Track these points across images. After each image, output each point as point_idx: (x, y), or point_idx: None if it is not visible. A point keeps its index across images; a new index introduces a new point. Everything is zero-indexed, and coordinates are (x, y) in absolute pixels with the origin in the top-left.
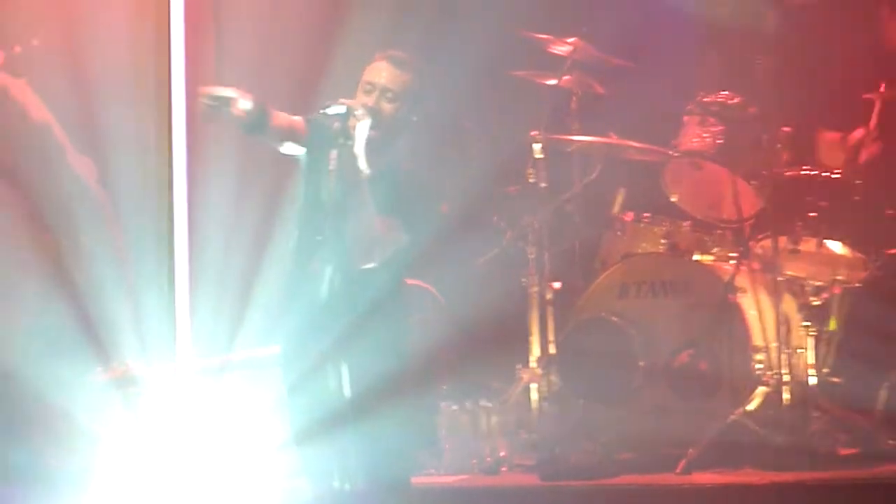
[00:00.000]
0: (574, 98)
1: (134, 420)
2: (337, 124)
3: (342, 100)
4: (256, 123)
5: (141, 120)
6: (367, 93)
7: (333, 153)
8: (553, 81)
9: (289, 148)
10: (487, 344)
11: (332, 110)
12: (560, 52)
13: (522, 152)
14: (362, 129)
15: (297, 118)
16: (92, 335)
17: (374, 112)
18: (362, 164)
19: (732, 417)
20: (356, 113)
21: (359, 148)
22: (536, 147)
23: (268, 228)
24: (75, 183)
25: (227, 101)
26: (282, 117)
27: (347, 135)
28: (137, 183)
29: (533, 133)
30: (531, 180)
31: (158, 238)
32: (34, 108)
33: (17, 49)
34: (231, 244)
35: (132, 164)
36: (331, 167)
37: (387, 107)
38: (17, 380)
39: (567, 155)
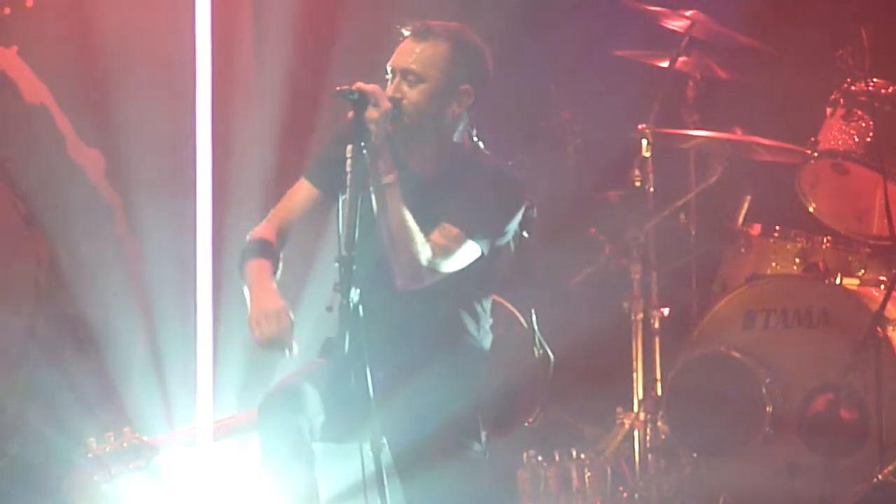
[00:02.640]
0: (691, 84)
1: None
2: (350, 113)
3: (358, 83)
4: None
5: (163, 106)
6: (389, 80)
7: (348, 149)
8: (666, 63)
9: None
10: (580, 382)
11: (344, 94)
12: (675, 28)
13: (627, 150)
14: (382, 121)
15: None
16: (93, 371)
17: (395, 102)
18: (386, 163)
19: (880, 477)
20: (372, 100)
21: (379, 144)
22: (644, 143)
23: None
24: (76, 178)
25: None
26: None
27: (363, 127)
28: (156, 181)
29: (640, 126)
30: (637, 184)
31: (179, 249)
32: (28, 86)
33: (7, 10)
34: None
35: (151, 159)
36: (347, 168)
37: (410, 93)
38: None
39: (681, 154)
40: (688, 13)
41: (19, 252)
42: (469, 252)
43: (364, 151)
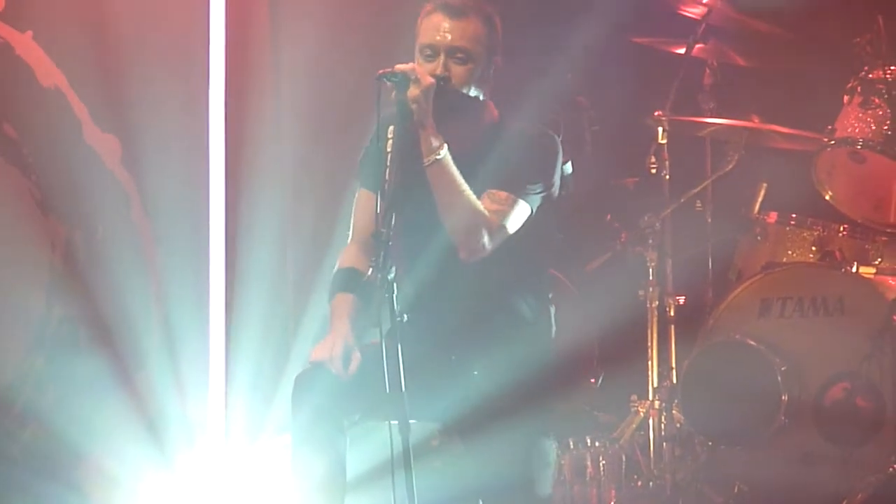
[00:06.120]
0: (708, 71)
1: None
2: (394, 94)
3: (398, 66)
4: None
5: (179, 92)
6: (429, 58)
7: (390, 130)
8: (682, 50)
9: None
10: (596, 369)
11: (387, 77)
12: (692, 15)
13: (644, 136)
14: (424, 97)
15: None
16: (106, 358)
17: (444, 80)
18: (435, 137)
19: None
20: (412, 78)
21: (424, 120)
22: (660, 131)
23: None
24: (91, 164)
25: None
26: None
27: (405, 107)
28: (171, 168)
29: (657, 113)
30: (653, 171)
31: (194, 236)
32: (43, 70)
33: None
34: (279, 255)
35: (167, 145)
36: (388, 149)
37: (458, 70)
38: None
39: (698, 141)
40: (705, 0)
41: (34, 238)
42: (522, 212)
43: (408, 131)
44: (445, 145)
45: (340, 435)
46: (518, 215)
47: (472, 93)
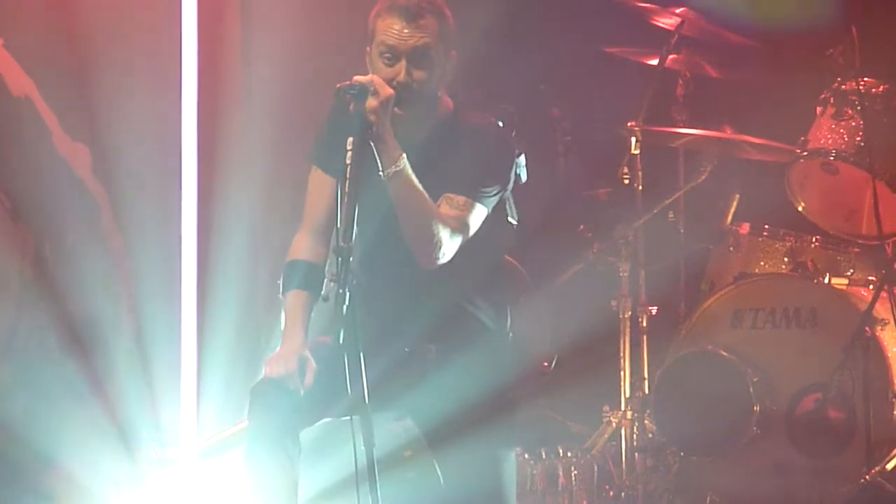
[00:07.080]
0: (681, 82)
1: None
2: (352, 105)
3: (356, 77)
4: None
5: (150, 100)
6: (389, 62)
7: (349, 142)
8: (655, 61)
9: None
10: (568, 379)
11: (346, 90)
12: (665, 26)
13: (616, 147)
14: (382, 109)
15: None
16: (77, 366)
17: (406, 87)
18: (394, 149)
19: (867, 478)
20: (371, 90)
21: (383, 131)
22: (633, 141)
23: None
24: (62, 172)
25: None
26: None
27: (363, 118)
28: (142, 176)
29: (629, 124)
30: (626, 181)
31: (165, 244)
32: (14, 79)
33: None
34: (250, 264)
35: (138, 154)
36: (347, 160)
37: (421, 74)
38: None
39: (671, 152)
40: (678, 10)
41: (4, 246)
42: (479, 215)
43: (369, 142)
44: (404, 156)
45: (295, 447)
46: (476, 218)
47: (435, 92)
